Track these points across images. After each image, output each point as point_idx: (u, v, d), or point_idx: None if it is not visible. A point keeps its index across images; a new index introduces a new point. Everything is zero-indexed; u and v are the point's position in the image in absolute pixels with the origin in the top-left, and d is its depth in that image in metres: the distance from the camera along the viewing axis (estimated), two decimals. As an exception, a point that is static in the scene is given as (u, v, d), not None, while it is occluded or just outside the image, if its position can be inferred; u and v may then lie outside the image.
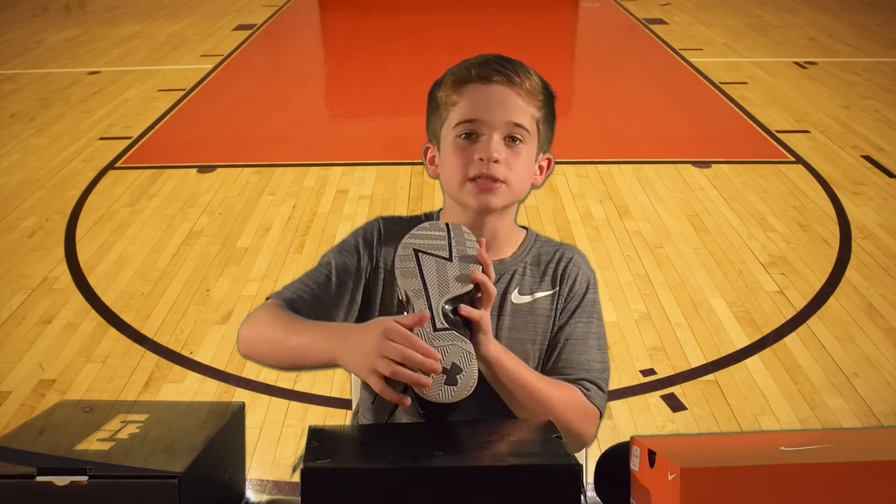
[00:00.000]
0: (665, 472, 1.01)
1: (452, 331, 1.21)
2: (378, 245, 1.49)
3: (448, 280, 1.26)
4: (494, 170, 1.39)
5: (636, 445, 1.11)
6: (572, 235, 4.07)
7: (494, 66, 1.43)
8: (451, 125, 1.43)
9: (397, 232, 1.41)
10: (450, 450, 1.14)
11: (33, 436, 1.16)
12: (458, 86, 1.43)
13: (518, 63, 1.47)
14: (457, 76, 1.44)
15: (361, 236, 1.50)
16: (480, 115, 1.41)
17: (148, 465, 1.05)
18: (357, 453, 1.14)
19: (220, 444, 1.17)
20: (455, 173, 1.42)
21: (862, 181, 4.70)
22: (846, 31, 8.22)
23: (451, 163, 1.42)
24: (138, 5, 9.74)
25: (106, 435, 1.13)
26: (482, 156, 1.39)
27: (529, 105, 1.43)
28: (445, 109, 1.44)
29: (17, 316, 3.48)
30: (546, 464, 1.06)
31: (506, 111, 1.41)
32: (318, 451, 1.08)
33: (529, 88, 1.43)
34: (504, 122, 1.41)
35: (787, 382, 3.01)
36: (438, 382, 1.18)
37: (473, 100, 1.42)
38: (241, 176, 4.83)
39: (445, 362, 1.19)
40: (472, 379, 1.18)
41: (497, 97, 1.42)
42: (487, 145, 1.39)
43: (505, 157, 1.40)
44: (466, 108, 1.42)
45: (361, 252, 1.48)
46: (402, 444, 1.15)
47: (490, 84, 1.42)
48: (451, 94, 1.43)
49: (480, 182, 1.40)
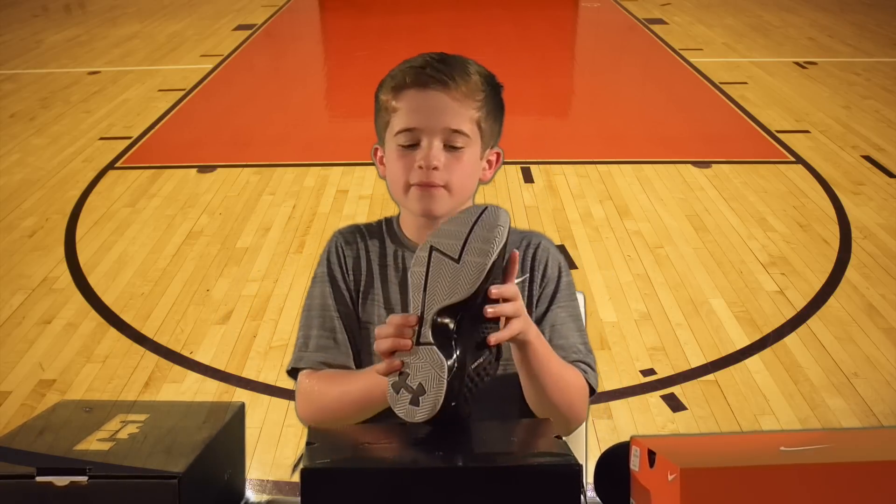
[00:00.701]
0: (665, 472, 1.01)
1: (434, 347, 1.15)
2: (345, 260, 1.51)
3: (447, 287, 1.17)
4: (434, 177, 1.41)
5: (636, 445, 1.11)
6: (572, 235, 4.07)
7: (430, 72, 1.41)
8: (393, 132, 1.43)
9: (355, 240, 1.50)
10: (450, 450, 1.14)
11: (33, 436, 1.16)
12: (396, 92, 1.43)
13: (456, 63, 1.45)
14: (395, 81, 1.43)
15: (328, 259, 1.51)
16: (419, 123, 1.41)
17: (148, 465, 1.05)
18: (357, 453, 1.14)
19: (220, 444, 1.17)
20: (398, 180, 1.43)
21: (862, 181, 4.70)
22: (846, 31, 8.22)
23: (394, 170, 1.44)
24: (138, 5, 9.74)
25: (106, 435, 1.13)
26: (422, 164, 1.40)
27: (468, 108, 1.43)
28: (387, 114, 1.45)
29: (17, 316, 3.48)
30: (546, 464, 1.06)
31: (443, 117, 1.41)
32: (318, 451, 1.08)
33: (467, 91, 1.42)
34: (442, 129, 1.41)
35: (787, 382, 3.01)
36: (404, 401, 1.16)
37: (411, 107, 1.42)
38: (241, 176, 4.83)
39: (412, 380, 1.15)
40: (436, 403, 1.13)
41: (434, 104, 1.41)
42: (427, 153, 1.40)
43: (445, 162, 1.41)
44: (405, 116, 1.42)
45: (337, 275, 1.50)
46: (402, 444, 1.15)
47: (426, 90, 1.41)
48: (391, 100, 1.44)
49: (421, 187, 1.42)
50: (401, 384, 1.16)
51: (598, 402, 2.90)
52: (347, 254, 1.51)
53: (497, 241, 1.17)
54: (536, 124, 5.91)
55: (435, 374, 1.14)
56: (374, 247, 1.52)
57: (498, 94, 1.49)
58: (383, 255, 1.51)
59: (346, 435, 1.26)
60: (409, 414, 1.15)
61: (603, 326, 3.33)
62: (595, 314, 3.39)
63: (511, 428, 1.21)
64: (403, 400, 1.16)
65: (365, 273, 1.50)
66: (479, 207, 1.21)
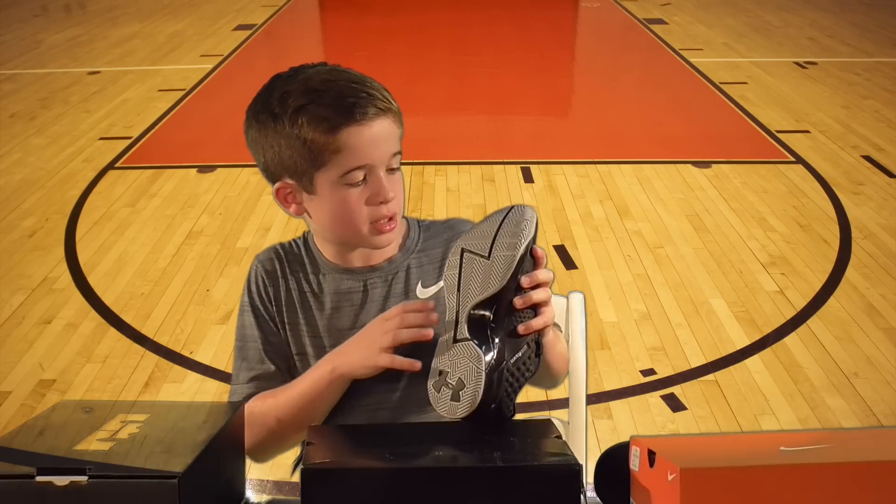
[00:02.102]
0: (665, 472, 1.01)
1: (470, 342, 1.17)
2: (266, 290, 1.45)
3: (479, 283, 1.19)
4: (392, 208, 1.35)
5: (636, 445, 1.11)
6: (572, 235, 4.07)
7: (367, 101, 1.30)
8: (336, 175, 1.32)
9: (274, 268, 1.45)
10: (450, 450, 1.14)
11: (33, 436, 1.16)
12: (334, 131, 1.29)
13: (366, 79, 1.34)
14: (331, 120, 1.29)
15: (250, 289, 1.46)
16: (368, 160, 1.32)
17: (148, 465, 1.05)
18: (357, 453, 1.14)
19: (220, 444, 1.17)
20: (351, 222, 1.35)
21: (862, 181, 4.70)
22: (846, 31, 8.22)
23: (345, 213, 1.34)
24: (138, 5, 9.74)
25: (106, 435, 1.13)
26: (381, 199, 1.33)
27: (399, 124, 1.36)
28: (322, 156, 1.31)
29: (17, 316, 3.48)
30: (546, 464, 1.06)
31: (389, 145, 1.33)
32: (318, 451, 1.08)
33: (396, 107, 1.35)
34: (388, 156, 1.34)
35: (787, 382, 3.01)
36: (445, 399, 1.17)
37: (357, 145, 1.30)
38: (241, 176, 4.83)
39: (451, 377, 1.17)
40: (476, 395, 1.15)
41: (379, 134, 1.32)
42: (381, 187, 1.33)
43: (393, 188, 1.35)
44: (354, 155, 1.30)
45: (259, 306, 1.45)
46: (402, 444, 1.15)
47: (370, 123, 1.30)
48: (330, 141, 1.29)
49: (380, 224, 1.36)
50: (441, 383, 1.18)
51: (598, 402, 2.90)
52: (268, 283, 1.45)
53: (525, 234, 1.19)
54: (536, 124, 5.92)
55: (473, 368, 1.16)
56: (292, 274, 1.45)
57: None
58: (303, 280, 1.44)
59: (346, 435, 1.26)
60: (451, 410, 1.16)
61: (603, 326, 3.33)
62: (595, 314, 3.39)
63: (511, 428, 1.21)
64: (444, 397, 1.17)
65: (286, 303, 1.44)
66: (506, 207, 1.23)
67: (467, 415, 1.16)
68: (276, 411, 1.35)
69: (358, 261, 1.44)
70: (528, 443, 1.17)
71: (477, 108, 5.99)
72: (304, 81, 1.32)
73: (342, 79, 1.33)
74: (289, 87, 1.32)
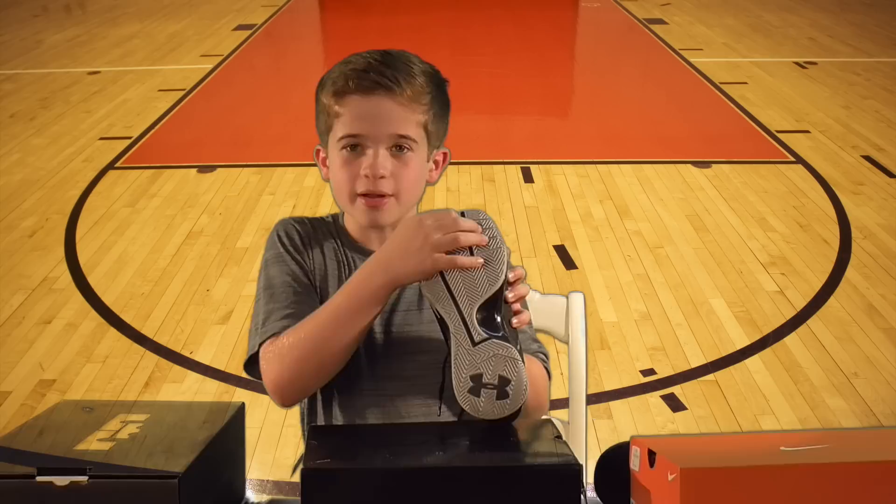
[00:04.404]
0: (665, 472, 1.01)
1: (492, 339, 1.17)
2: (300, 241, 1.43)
3: (476, 285, 1.19)
4: (381, 186, 1.36)
5: (636, 445, 1.11)
6: (572, 235, 4.07)
7: (374, 77, 1.34)
8: (336, 138, 1.38)
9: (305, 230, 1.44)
10: (450, 450, 1.14)
11: (33, 436, 1.16)
12: (339, 97, 1.37)
13: (400, 63, 1.38)
14: (337, 85, 1.37)
15: (280, 241, 1.44)
16: (364, 130, 1.36)
17: (148, 465, 1.05)
18: (357, 453, 1.14)
19: (220, 444, 1.17)
20: (343, 188, 1.38)
21: (862, 181, 4.70)
22: (846, 31, 8.22)
23: (339, 177, 1.39)
24: (138, 5, 9.73)
25: (106, 435, 1.13)
26: (368, 172, 1.35)
27: (414, 112, 1.37)
28: (329, 118, 1.39)
29: (17, 316, 3.48)
30: (546, 464, 1.06)
31: (389, 124, 1.35)
32: (318, 451, 1.09)
33: (412, 94, 1.36)
34: (388, 136, 1.36)
35: (787, 382, 3.01)
36: (489, 400, 1.15)
37: (355, 113, 1.36)
38: (241, 176, 4.83)
39: (490, 377, 1.15)
40: (523, 385, 1.15)
41: (379, 110, 1.35)
42: (373, 161, 1.35)
43: (392, 169, 1.36)
44: (349, 122, 1.36)
45: (293, 254, 1.42)
46: (402, 444, 1.15)
47: (371, 96, 1.35)
48: (334, 105, 1.37)
49: (368, 199, 1.37)
50: (479, 388, 1.16)
51: (598, 402, 2.90)
52: (304, 239, 1.44)
53: (495, 229, 1.21)
54: (536, 124, 5.91)
55: (510, 361, 1.16)
56: (325, 241, 1.45)
57: (444, 93, 1.43)
58: (334, 250, 1.44)
59: (346, 435, 1.26)
60: (500, 409, 1.15)
61: (603, 326, 3.33)
62: (595, 314, 3.39)
63: (511, 428, 1.21)
64: (488, 399, 1.15)
65: (320, 264, 1.43)
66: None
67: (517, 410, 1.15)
68: (316, 332, 1.27)
69: (376, 244, 1.43)
70: (529, 443, 1.18)
71: (477, 108, 5.99)
72: (351, 56, 1.40)
73: (375, 57, 1.38)
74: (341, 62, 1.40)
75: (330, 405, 1.41)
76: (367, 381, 1.38)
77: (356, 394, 1.38)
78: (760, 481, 0.99)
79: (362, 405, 1.38)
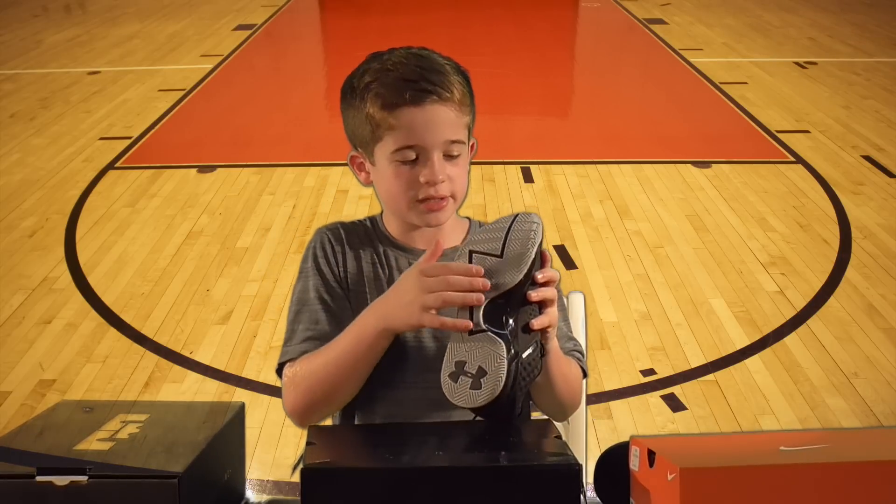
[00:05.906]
0: (665, 472, 1.01)
1: (487, 332, 1.19)
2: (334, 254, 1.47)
3: (494, 278, 1.21)
4: (441, 190, 1.39)
5: (636, 445, 1.11)
6: (572, 235, 4.07)
7: (425, 86, 1.37)
8: (389, 150, 1.39)
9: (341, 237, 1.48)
10: (450, 450, 1.14)
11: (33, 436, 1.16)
12: (390, 109, 1.37)
13: (442, 67, 1.40)
14: (386, 98, 1.37)
15: (315, 254, 1.47)
16: (420, 141, 1.38)
17: (148, 465, 1.05)
18: (357, 453, 1.14)
19: (220, 444, 1.17)
20: (400, 197, 1.41)
21: (862, 181, 4.70)
22: (846, 31, 8.22)
23: (394, 187, 1.41)
24: (138, 5, 9.74)
25: (106, 435, 1.13)
26: (428, 180, 1.38)
27: (462, 115, 1.41)
28: (379, 130, 1.39)
29: (17, 316, 3.48)
30: (546, 464, 1.06)
31: (444, 131, 1.38)
32: (318, 451, 1.09)
33: (460, 97, 1.39)
34: (443, 142, 1.38)
35: (787, 382, 3.01)
36: (463, 388, 1.17)
37: (410, 125, 1.37)
38: (241, 176, 4.83)
39: (471, 366, 1.18)
40: (498, 382, 1.17)
41: (434, 119, 1.38)
42: (432, 169, 1.38)
43: (448, 173, 1.40)
44: (404, 134, 1.37)
45: (325, 268, 1.46)
46: (402, 444, 1.15)
47: (424, 105, 1.37)
48: (386, 117, 1.38)
49: (428, 204, 1.40)
50: (458, 373, 1.19)
51: (598, 402, 2.90)
52: (336, 249, 1.47)
53: (536, 231, 1.24)
54: (536, 124, 5.92)
55: (494, 355, 1.18)
56: (361, 245, 1.49)
57: (470, 84, 1.45)
58: (371, 254, 1.48)
59: (346, 435, 1.26)
60: (471, 399, 1.17)
61: (603, 326, 3.33)
62: (595, 314, 3.39)
63: (511, 428, 1.21)
64: (463, 386, 1.18)
65: (351, 269, 1.47)
66: (512, 215, 1.28)
67: (486, 404, 1.16)
68: (322, 369, 1.35)
69: (421, 243, 1.47)
70: (528, 443, 1.18)
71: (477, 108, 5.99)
72: (384, 61, 1.41)
73: (415, 63, 1.39)
74: (370, 65, 1.42)
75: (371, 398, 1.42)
76: (410, 374, 1.40)
77: (398, 387, 1.40)
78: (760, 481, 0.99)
79: (405, 398, 1.40)
